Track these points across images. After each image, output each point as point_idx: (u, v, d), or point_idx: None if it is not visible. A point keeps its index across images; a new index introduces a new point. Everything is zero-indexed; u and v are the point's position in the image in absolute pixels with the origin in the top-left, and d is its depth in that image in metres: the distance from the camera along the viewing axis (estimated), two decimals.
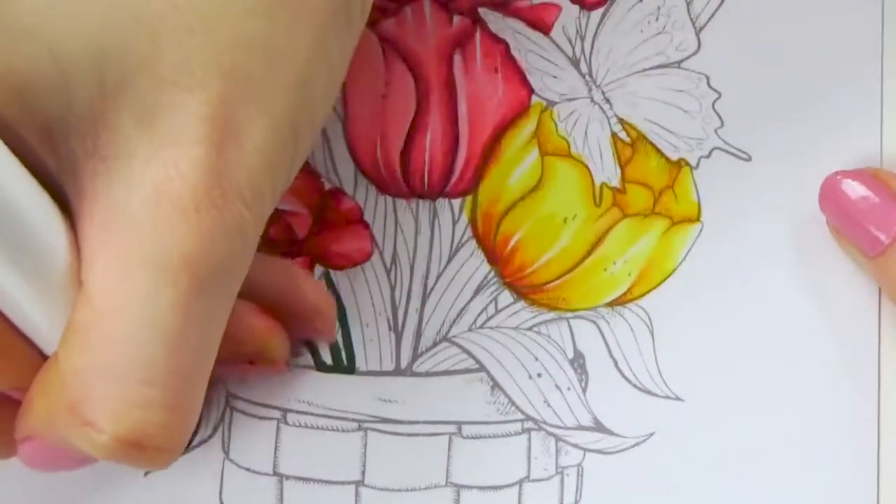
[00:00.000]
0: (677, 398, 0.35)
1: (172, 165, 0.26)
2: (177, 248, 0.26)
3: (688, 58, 0.36)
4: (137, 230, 0.26)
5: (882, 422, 0.34)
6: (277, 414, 0.35)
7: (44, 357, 0.28)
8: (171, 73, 0.26)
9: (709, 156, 0.35)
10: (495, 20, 0.36)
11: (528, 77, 0.36)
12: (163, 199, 0.26)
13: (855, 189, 0.33)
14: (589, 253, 0.35)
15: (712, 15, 0.36)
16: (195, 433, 0.35)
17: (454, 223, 0.35)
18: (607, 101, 0.36)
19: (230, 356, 0.31)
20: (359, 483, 0.35)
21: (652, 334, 0.35)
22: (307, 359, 0.35)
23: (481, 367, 0.35)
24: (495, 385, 0.35)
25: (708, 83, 0.36)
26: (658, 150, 0.35)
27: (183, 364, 0.27)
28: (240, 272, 0.28)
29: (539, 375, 0.35)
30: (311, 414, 0.35)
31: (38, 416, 0.28)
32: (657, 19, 0.36)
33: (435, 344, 0.35)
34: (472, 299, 0.35)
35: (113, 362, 0.26)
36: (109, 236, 0.26)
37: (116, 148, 0.26)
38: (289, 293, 0.33)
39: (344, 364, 0.35)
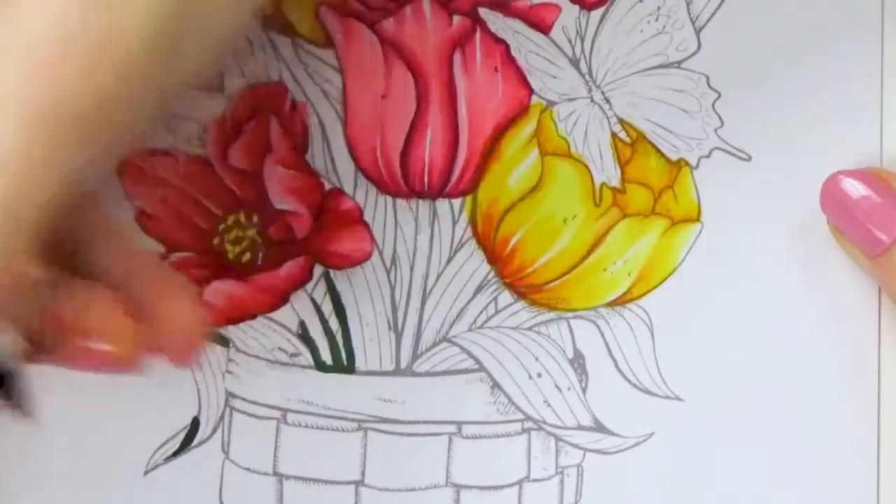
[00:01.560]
0: (677, 398, 0.35)
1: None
2: (14, 84, 0.26)
3: (688, 58, 0.36)
4: None
5: (882, 422, 0.34)
6: (277, 414, 0.35)
7: None
8: None
9: (709, 156, 0.35)
10: (495, 20, 0.36)
11: (528, 77, 0.36)
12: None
13: (856, 189, 0.33)
14: (589, 253, 0.35)
15: (712, 15, 0.36)
16: (195, 433, 0.35)
17: (454, 223, 0.35)
18: (607, 101, 0.36)
19: (75, 341, 0.29)
20: (359, 483, 0.35)
21: (652, 334, 0.35)
22: (307, 358, 0.35)
23: (481, 367, 0.35)
24: (495, 385, 0.35)
25: (708, 83, 0.36)
26: (658, 150, 0.35)
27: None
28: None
29: (539, 375, 0.35)
30: (311, 414, 0.35)
31: None
32: (657, 19, 0.36)
33: (435, 344, 0.35)
34: (472, 299, 0.35)
35: None
36: None
37: None
38: (154, 301, 0.30)
39: (344, 364, 0.35)
